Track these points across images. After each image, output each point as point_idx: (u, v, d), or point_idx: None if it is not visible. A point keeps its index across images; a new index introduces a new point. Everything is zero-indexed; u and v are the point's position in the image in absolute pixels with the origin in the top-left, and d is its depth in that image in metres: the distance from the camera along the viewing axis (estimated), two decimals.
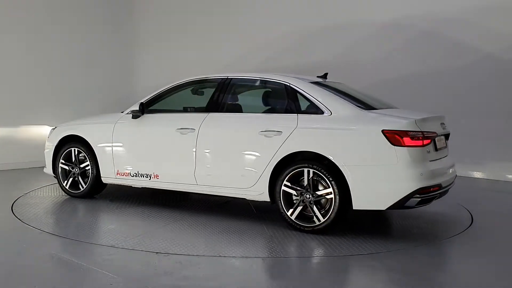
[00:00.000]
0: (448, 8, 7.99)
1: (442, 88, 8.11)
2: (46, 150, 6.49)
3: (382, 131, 4.48)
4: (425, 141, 4.55)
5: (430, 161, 4.65)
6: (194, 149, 5.32)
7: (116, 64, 10.43)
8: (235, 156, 5.14)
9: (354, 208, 4.60)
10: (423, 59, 8.26)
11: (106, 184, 6.13)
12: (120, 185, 5.98)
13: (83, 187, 6.13)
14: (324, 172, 4.64)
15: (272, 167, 4.90)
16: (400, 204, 4.48)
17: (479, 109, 7.91)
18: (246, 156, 5.07)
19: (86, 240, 4.57)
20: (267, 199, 5.00)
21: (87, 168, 6.09)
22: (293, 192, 4.83)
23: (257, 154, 5.00)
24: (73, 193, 6.21)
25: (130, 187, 6.06)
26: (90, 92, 9.79)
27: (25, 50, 8.90)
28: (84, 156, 6.09)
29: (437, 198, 4.78)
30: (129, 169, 5.75)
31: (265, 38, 9.69)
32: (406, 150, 4.44)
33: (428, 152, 4.64)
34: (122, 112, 6.08)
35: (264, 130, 4.96)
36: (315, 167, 4.69)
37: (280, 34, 9.52)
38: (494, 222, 5.49)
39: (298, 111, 4.97)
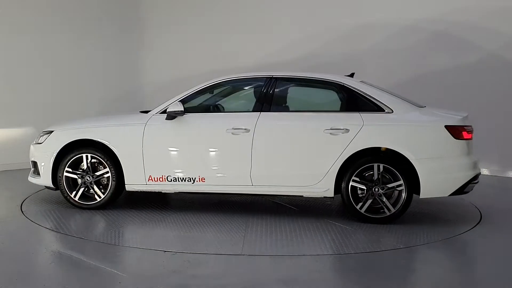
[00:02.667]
0: (456, 9, 8.22)
1: (447, 87, 8.35)
2: (38, 158, 5.62)
3: (445, 126, 5.02)
4: (472, 135, 5.22)
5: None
6: (250, 150, 5.20)
7: (121, 62, 10.21)
8: (297, 155, 5.19)
9: (421, 197, 5.06)
10: (429, 60, 8.55)
11: (121, 193, 5.59)
12: (150, 192, 5.50)
13: (100, 197, 5.48)
14: (394, 166, 5.00)
15: (340, 164, 5.08)
16: (460, 190, 5.08)
17: (486, 107, 7.98)
18: (310, 154, 5.16)
19: (95, 239, 4.56)
20: (331, 195, 5.16)
21: (105, 175, 5.46)
22: (360, 186, 5.08)
23: (322, 152, 5.12)
24: (86, 205, 5.50)
25: (151, 193, 5.64)
26: (94, 90, 9.66)
27: (29, 49, 8.77)
28: (100, 162, 5.45)
29: None
30: (166, 173, 5.33)
31: (274, 37, 9.70)
32: (465, 142, 5.06)
33: None
34: (146, 111, 5.62)
35: (329, 128, 5.10)
36: (385, 162, 5.02)
37: (288, 32, 9.61)
38: (503, 219, 5.56)
39: (359, 109, 5.22)
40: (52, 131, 5.64)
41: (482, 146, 7.73)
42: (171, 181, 5.35)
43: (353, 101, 5.28)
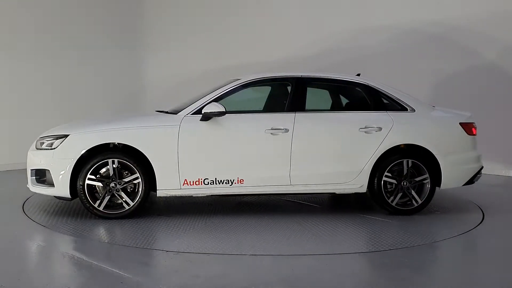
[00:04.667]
0: (456, 13, 8.39)
1: (448, 89, 8.51)
2: (51, 165, 5.01)
3: (460, 123, 5.57)
4: (476, 131, 5.84)
5: None
6: (290, 150, 5.23)
7: (124, 62, 10.40)
8: (335, 154, 5.35)
9: (441, 188, 5.55)
10: (428, 62, 8.70)
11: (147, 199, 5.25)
12: (184, 196, 5.26)
13: (128, 205, 5.07)
14: (422, 161, 5.43)
15: (375, 161, 5.36)
16: (471, 181, 5.67)
17: (488, 107, 8.12)
18: (347, 152, 5.36)
19: (97, 238, 4.58)
20: (364, 190, 5.43)
21: (135, 181, 5.07)
22: (391, 180, 5.42)
23: (358, 150, 5.35)
24: (114, 214, 5.06)
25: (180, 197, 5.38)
26: (96, 91, 9.83)
27: (31, 51, 8.92)
28: (125, 167, 5.05)
29: None
30: (203, 176, 5.13)
31: (277, 38, 9.80)
32: (473, 138, 5.67)
33: None
34: (163, 111, 5.32)
35: (364, 127, 5.35)
36: (413, 157, 5.42)
37: (292, 34, 9.71)
38: (505, 218, 5.58)
39: (385, 108, 5.53)
40: (67, 135, 5.06)
41: (485, 146, 7.67)
42: (208, 184, 5.16)
43: (380, 101, 5.58)
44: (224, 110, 5.08)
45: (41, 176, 5.16)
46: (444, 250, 4.46)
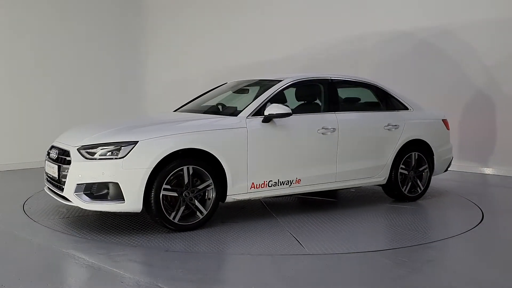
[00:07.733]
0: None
1: (452, 89, 8.60)
2: (120, 177, 4.39)
3: (442, 120, 6.60)
4: None
5: None
6: (336, 148, 5.53)
7: (125, 64, 10.56)
8: (368, 150, 5.85)
9: (432, 176, 6.48)
10: (424, 65, 8.90)
11: None
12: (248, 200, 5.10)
13: (202, 214, 4.74)
14: (424, 153, 6.27)
15: (395, 155, 6.02)
16: (447, 169, 6.75)
17: (486, 107, 8.25)
18: (376, 148, 5.91)
19: (97, 238, 4.57)
20: (385, 182, 6.05)
21: (208, 188, 4.76)
22: (403, 172, 6.14)
23: (384, 145, 5.94)
24: (188, 225, 4.69)
25: None
26: (96, 92, 9.97)
27: (31, 51, 9.09)
28: (197, 174, 4.72)
29: None
30: (268, 179, 5.09)
31: (276, 39, 9.92)
32: (449, 132, 6.75)
33: None
34: (217, 113, 5.47)
35: (387, 125, 5.96)
36: (419, 151, 6.23)
37: (290, 35, 9.81)
38: (504, 218, 5.61)
39: (394, 108, 6.22)
40: (136, 141, 4.48)
41: (484, 146, 8.22)
42: (271, 186, 5.16)
43: (389, 101, 6.25)
44: (291, 112, 5.12)
45: (99, 190, 4.47)
46: (443, 250, 4.46)
